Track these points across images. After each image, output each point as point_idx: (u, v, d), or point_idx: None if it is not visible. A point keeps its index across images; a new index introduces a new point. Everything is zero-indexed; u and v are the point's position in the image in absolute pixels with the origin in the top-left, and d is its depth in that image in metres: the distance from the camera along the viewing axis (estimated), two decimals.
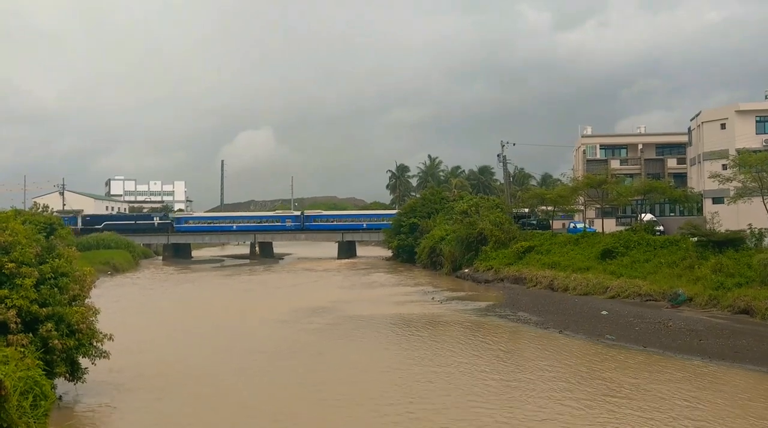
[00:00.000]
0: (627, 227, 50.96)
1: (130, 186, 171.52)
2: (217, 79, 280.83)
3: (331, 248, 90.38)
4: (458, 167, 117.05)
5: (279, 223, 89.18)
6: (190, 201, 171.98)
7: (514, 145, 69.67)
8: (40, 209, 25.93)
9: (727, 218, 42.50)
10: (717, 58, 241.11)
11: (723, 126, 53.26)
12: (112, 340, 18.10)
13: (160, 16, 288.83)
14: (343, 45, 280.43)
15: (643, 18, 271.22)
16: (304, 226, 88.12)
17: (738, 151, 45.47)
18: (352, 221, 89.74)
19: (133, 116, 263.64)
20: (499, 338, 27.93)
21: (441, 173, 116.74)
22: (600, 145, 74.76)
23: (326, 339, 27.61)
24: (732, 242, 35.26)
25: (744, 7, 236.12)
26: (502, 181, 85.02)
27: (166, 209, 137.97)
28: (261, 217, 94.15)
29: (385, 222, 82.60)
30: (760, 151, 44.20)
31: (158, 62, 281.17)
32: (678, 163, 69.53)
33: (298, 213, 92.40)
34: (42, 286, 16.96)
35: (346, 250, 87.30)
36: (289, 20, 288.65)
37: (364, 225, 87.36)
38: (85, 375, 17.94)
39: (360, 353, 25.07)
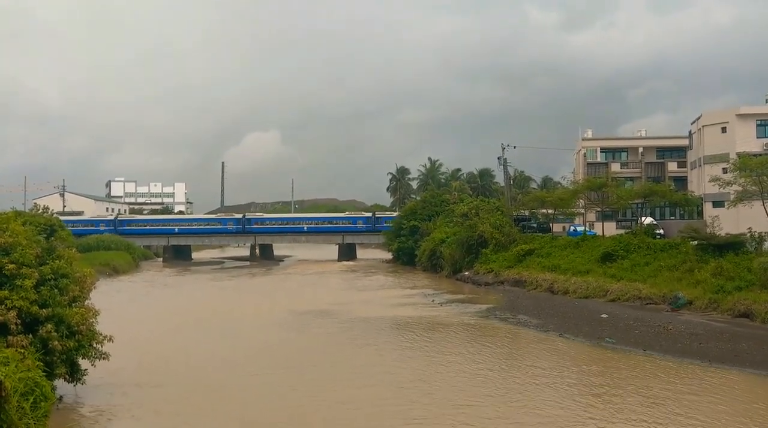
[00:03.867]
0: (627, 230, 50.91)
1: (131, 187, 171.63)
2: (221, 77, 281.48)
3: (331, 250, 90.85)
4: (458, 170, 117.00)
5: (93, 227, 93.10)
6: (191, 202, 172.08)
7: (514, 147, 69.78)
8: (40, 210, 25.97)
9: (727, 222, 42.46)
10: (726, 59, 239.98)
11: (723, 129, 53.25)
12: (112, 342, 18.09)
13: (166, 15, 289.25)
14: (347, 44, 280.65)
15: (651, 19, 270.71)
16: (117, 230, 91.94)
17: (738, 155, 45.40)
18: (157, 226, 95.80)
19: (138, 115, 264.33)
20: (500, 341, 27.92)
21: (441, 176, 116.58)
22: (600, 148, 74.64)
23: (339, 345, 27.34)
24: (732, 246, 35.20)
25: (753, 8, 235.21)
26: (503, 184, 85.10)
27: (166, 211, 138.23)
28: (75, 222, 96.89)
29: (201, 226, 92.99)
30: (760, 155, 44.18)
31: (163, 60, 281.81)
32: (678, 167, 69.41)
33: (112, 217, 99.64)
34: (42, 287, 16.97)
35: (347, 252, 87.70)
36: (294, 19, 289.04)
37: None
38: (84, 377, 17.93)
39: (361, 358, 25.06)
